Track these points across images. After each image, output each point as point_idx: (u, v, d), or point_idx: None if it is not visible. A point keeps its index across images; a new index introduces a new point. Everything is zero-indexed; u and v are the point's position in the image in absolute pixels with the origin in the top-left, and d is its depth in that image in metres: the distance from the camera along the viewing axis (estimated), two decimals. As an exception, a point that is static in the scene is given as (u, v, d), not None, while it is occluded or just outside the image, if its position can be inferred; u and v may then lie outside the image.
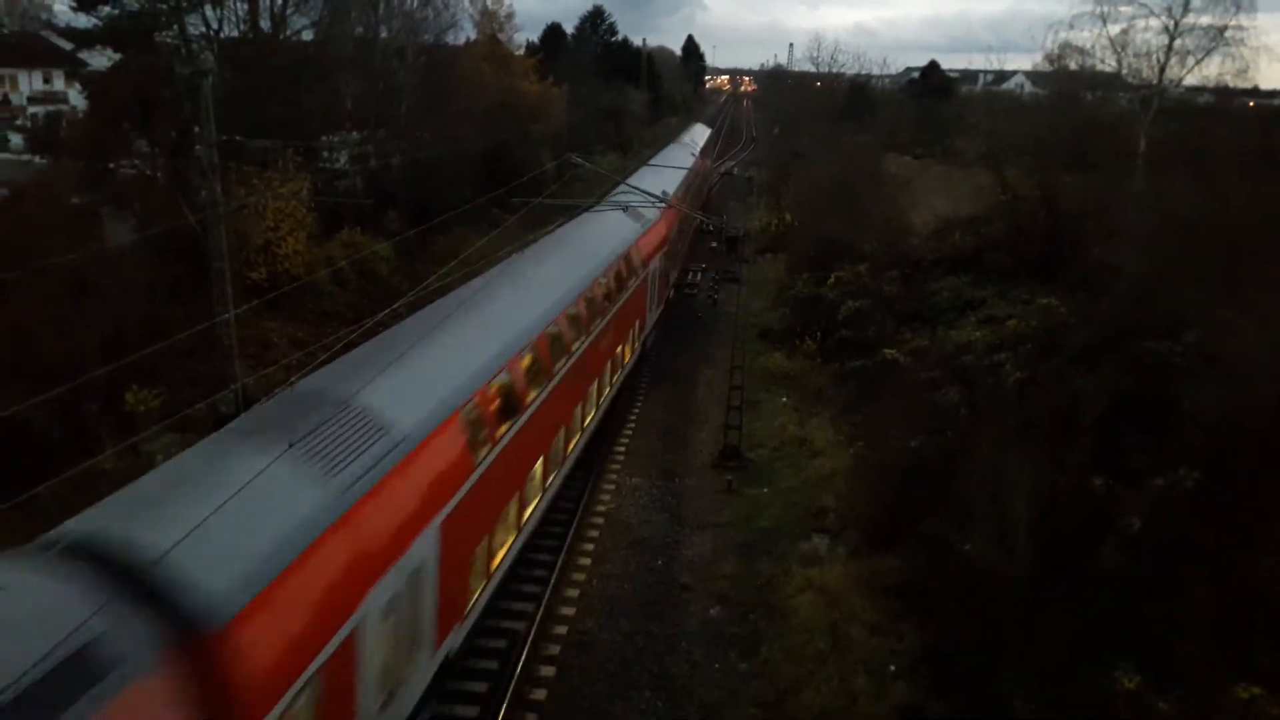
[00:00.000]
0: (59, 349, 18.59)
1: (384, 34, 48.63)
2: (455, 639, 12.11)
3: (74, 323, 19.61)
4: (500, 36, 70.40)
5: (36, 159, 31.84)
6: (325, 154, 41.33)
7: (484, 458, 12.44)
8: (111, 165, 28.26)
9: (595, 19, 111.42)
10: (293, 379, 11.59)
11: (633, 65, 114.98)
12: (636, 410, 25.42)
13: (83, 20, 33.45)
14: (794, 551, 17.86)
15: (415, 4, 50.53)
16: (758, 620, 15.77)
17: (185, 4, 33.36)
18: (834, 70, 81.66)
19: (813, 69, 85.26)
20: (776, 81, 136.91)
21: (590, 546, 18.04)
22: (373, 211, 37.64)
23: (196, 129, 21.55)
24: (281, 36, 39.00)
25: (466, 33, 65.04)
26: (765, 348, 30.85)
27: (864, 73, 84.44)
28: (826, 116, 67.01)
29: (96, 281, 21.81)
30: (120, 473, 17.93)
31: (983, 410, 18.98)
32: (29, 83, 61.73)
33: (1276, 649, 11.57)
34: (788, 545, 18.20)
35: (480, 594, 13.08)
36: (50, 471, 16.88)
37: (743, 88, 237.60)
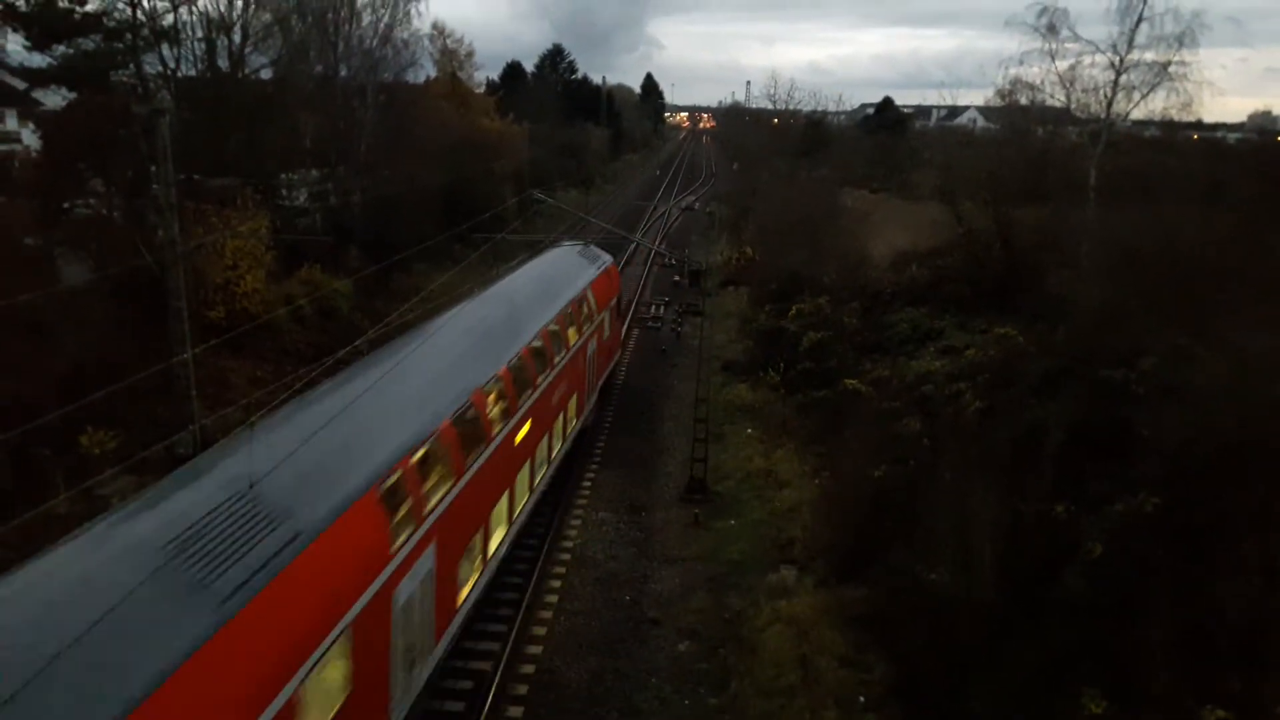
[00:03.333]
0: (10, 390, 18.20)
1: (344, 72, 48.66)
2: None
3: (27, 364, 19.21)
4: (460, 75, 70.79)
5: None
6: (284, 192, 41.13)
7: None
8: (66, 205, 27.88)
9: (555, 57, 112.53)
10: (253, 419, 11.24)
11: (592, 103, 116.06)
12: (601, 444, 25.34)
13: (37, 60, 33.19)
14: (762, 584, 17.81)
15: (375, 43, 50.65)
16: (727, 654, 15.68)
17: (142, 43, 33.23)
18: (791, 107, 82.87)
19: (770, 106, 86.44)
20: (735, 118, 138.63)
21: (557, 583, 17.88)
22: (332, 249, 37.45)
23: (154, 168, 21.34)
24: (240, 75, 38.91)
25: (427, 71, 65.29)
26: (729, 380, 30.99)
27: (820, 109, 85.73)
28: (785, 152, 67.83)
29: (51, 322, 21.42)
30: (74, 516, 17.58)
31: (944, 439, 19.17)
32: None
33: (1241, 671, 11.70)
34: (756, 578, 18.16)
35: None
36: (1, 516, 16.46)
37: (701, 124, 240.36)
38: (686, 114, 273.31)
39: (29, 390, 18.12)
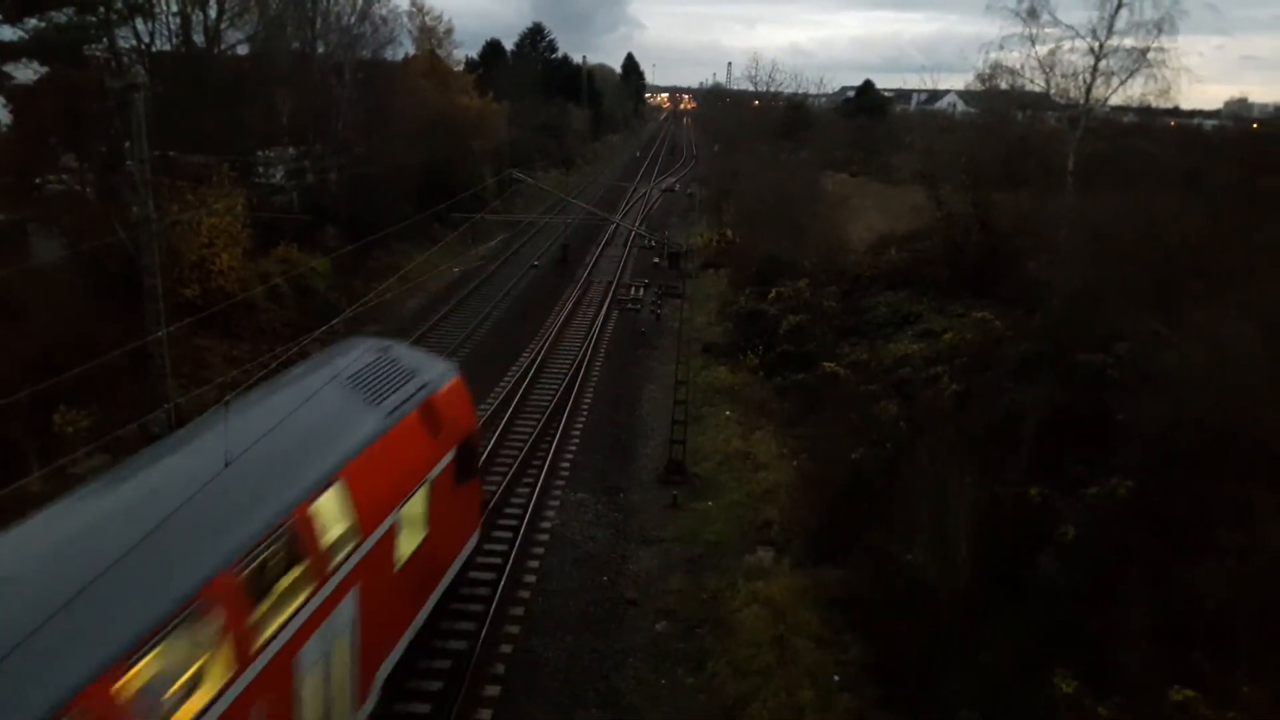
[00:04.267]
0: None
1: (321, 49, 48.12)
2: None
3: (-2, 341, 18.99)
4: (439, 52, 70.09)
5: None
6: (261, 169, 40.69)
7: None
8: (38, 180, 27.46)
9: (535, 35, 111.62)
10: (227, 398, 10.99)
11: (573, 82, 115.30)
12: (580, 426, 25.32)
13: (7, 33, 32.56)
14: (739, 565, 17.90)
15: (352, 19, 50.13)
16: (704, 635, 15.76)
17: (115, 17, 32.66)
18: (772, 89, 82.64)
19: (751, 88, 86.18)
20: (715, 100, 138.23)
21: (535, 564, 17.89)
22: (309, 227, 37.12)
23: (128, 144, 21.05)
24: (216, 51, 38.37)
25: (405, 48, 64.65)
26: (709, 362, 31.01)
27: (801, 92, 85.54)
28: (765, 134, 67.75)
29: (22, 300, 21.15)
30: (47, 495, 17.42)
31: (922, 422, 19.31)
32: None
33: (1212, 653, 11.87)
34: (733, 559, 18.25)
35: None
36: (-29, 496, 16.23)
37: (682, 105, 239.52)
38: (667, 95, 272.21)
39: (0, 367, 17.89)
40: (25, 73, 33.88)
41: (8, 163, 26.59)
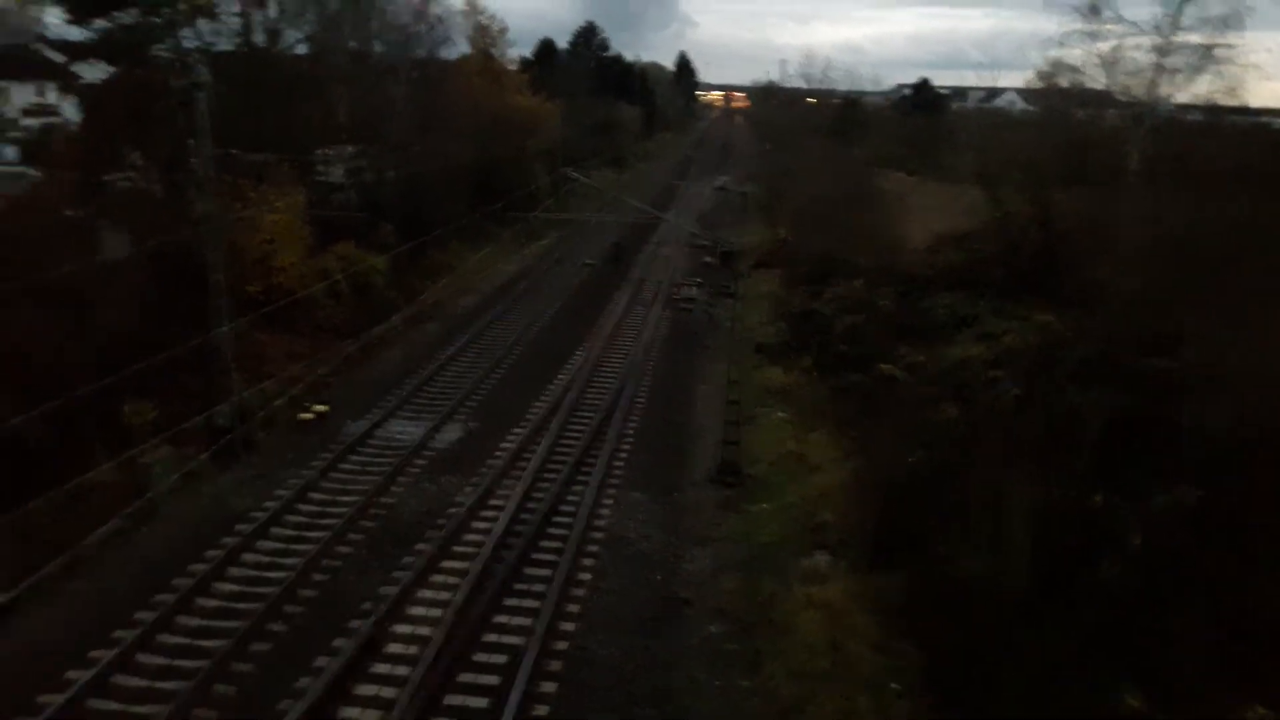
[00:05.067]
0: (52, 361, 18.47)
1: (377, 49, 48.73)
2: None
3: (67, 335, 19.47)
4: (493, 52, 70.55)
5: (30, 171, 31.75)
6: (319, 168, 41.33)
7: None
8: (106, 178, 28.15)
9: (588, 34, 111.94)
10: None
11: (625, 81, 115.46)
12: (634, 425, 25.35)
13: (74, 33, 33.45)
14: (794, 567, 17.76)
15: (408, 19, 50.68)
16: (759, 637, 15.68)
17: (179, 17, 33.40)
18: (826, 87, 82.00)
19: (804, 85, 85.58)
20: (769, 98, 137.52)
21: (590, 562, 17.94)
22: (366, 225, 37.64)
23: (191, 142, 21.50)
24: (275, 50, 39.07)
25: (460, 48, 65.18)
26: (762, 362, 30.83)
27: (856, 89, 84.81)
28: (820, 133, 67.24)
29: (91, 294, 21.69)
30: (117, 485, 17.89)
31: (981, 426, 19.00)
32: (21, 96, 61.37)
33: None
34: (788, 561, 18.11)
35: None
36: (42, 484, 16.77)
37: (734, 103, 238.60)
38: (720, 93, 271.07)
39: (69, 361, 18.36)
40: (93, 73, 34.85)
41: (78, 160, 27.31)
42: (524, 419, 25.08)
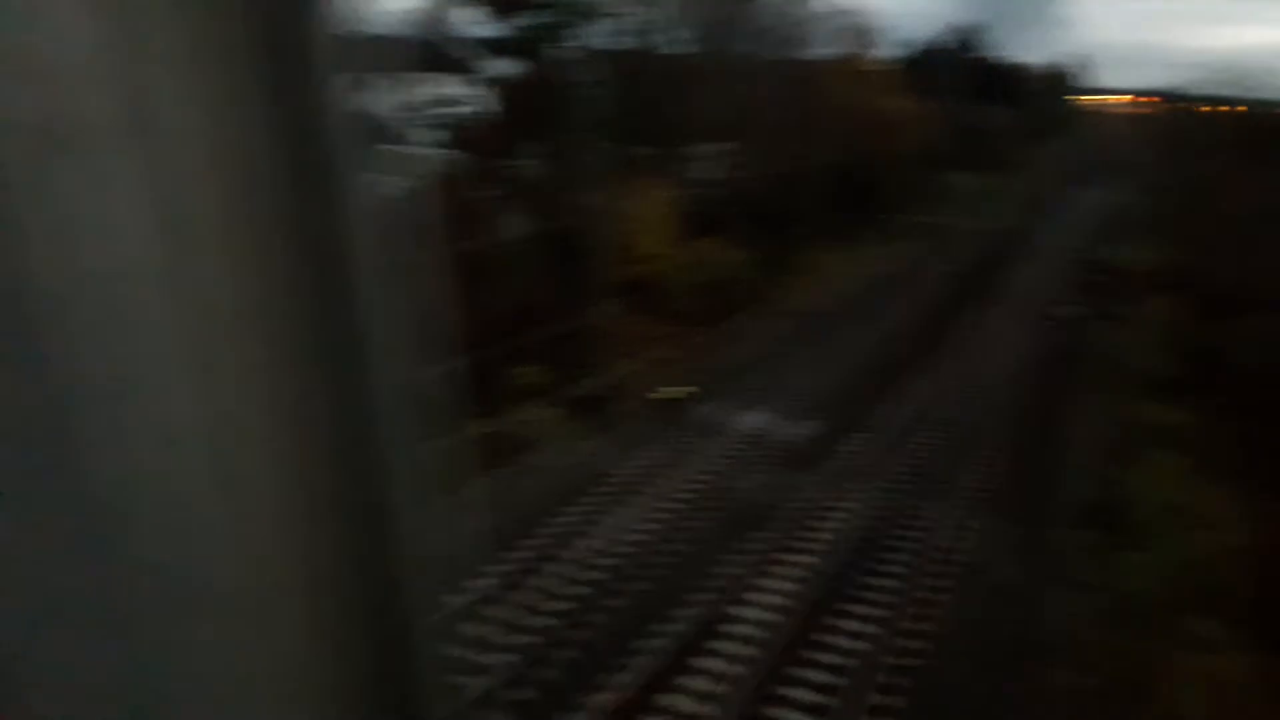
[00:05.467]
0: (463, 324, 20.64)
1: (751, 50, 49.58)
2: None
3: (475, 302, 21.67)
4: (863, 52, 69.40)
5: (434, 154, 35.60)
6: (692, 163, 42.87)
7: None
8: (509, 164, 30.96)
9: (965, 34, 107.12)
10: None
11: (1004, 83, 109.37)
12: (996, 449, 23.83)
13: (478, 31, 36.91)
14: (1174, 631, 15.78)
15: (778, 21, 51.05)
16: (1126, 697, 14.09)
17: (584, 19, 35.94)
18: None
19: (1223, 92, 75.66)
20: (1182, 102, 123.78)
21: (946, 582, 17.14)
22: (732, 220, 38.48)
23: (582, 135, 22.97)
24: (663, 51, 41.01)
25: (830, 49, 64.82)
26: (1151, 397, 27.62)
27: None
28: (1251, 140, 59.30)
29: (492, 268, 23.96)
30: (503, 435, 19.87)
31: None
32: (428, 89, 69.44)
33: None
34: (1165, 622, 16.13)
35: None
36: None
37: (1136, 109, 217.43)
38: (1129, 96, 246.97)
39: (476, 326, 20.42)
40: (500, 66, 38.42)
41: (490, 147, 30.27)
42: (880, 426, 24.72)
